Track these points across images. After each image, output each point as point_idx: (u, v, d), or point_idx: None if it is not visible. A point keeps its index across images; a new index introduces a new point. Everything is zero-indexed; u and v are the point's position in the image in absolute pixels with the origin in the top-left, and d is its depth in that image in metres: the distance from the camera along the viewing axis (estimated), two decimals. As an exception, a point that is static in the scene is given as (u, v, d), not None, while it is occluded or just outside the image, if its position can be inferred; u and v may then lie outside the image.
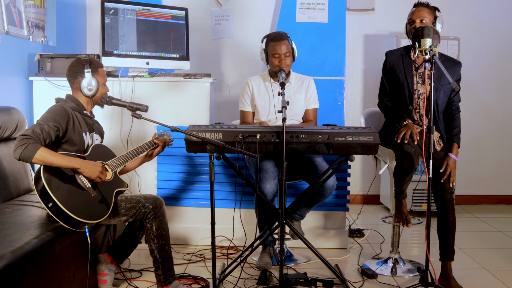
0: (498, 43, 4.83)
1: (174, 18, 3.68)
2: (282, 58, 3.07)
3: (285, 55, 3.08)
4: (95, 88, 2.61)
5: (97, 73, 2.63)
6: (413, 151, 2.77)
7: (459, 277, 2.85)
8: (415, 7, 2.96)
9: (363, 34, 4.81)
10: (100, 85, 2.64)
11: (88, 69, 2.58)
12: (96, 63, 2.64)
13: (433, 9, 2.94)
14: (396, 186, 2.94)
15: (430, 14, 2.91)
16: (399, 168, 2.85)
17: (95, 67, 2.62)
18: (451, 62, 2.96)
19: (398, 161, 2.85)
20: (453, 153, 2.87)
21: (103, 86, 2.67)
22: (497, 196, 4.97)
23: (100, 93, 2.65)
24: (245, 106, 3.29)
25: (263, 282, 2.83)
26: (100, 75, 2.65)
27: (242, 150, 2.54)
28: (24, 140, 2.23)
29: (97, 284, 2.69)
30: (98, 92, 2.63)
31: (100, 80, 2.64)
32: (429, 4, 2.96)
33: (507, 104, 4.90)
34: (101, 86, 2.65)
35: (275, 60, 3.09)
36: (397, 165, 2.86)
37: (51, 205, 2.27)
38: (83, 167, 2.37)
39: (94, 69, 2.62)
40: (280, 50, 3.07)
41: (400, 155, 2.81)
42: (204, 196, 3.51)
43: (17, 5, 3.51)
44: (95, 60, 2.65)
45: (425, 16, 2.88)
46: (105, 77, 2.70)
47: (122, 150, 3.43)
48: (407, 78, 2.93)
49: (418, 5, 2.97)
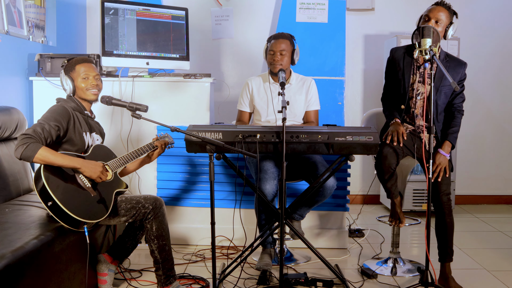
0: (498, 43, 4.83)
1: (174, 18, 3.68)
2: (276, 55, 3.07)
3: (280, 53, 3.08)
4: (69, 87, 2.61)
5: (73, 70, 2.62)
6: (390, 152, 2.76)
7: (459, 277, 2.85)
8: (436, 5, 2.82)
9: (363, 34, 4.81)
10: (79, 80, 2.61)
11: (62, 71, 2.62)
12: (73, 62, 2.64)
13: (453, 13, 2.82)
14: (382, 185, 2.94)
15: (447, 18, 2.80)
16: (377, 168, 2.86)
17: (71, 66, 2.62)
18: (455, 62, 2.90)
19: (376, 160, 2.85)
20: (443, 150, 2.81)
21: (84, 80, 2.61)
22: (497, 196, 4.97)
23: (80, 89, 2.62)
24: (243, 106, 3.29)
25: (263, 282, 2.83)
26: (77, 71, 2.61)
27: (242, 150, 2.54)
28: (25, 140, 2.24)
29: (97, 284, 2.69)
30: (76, 88, 2.62)
31: (77, 76, 2.61)
32: (450, 7, 2.83)
33: (507, 104, 4.90)
34: (79, 82, 2.61)
35: (270, 56, 3.11)
36: (376, 165, 2.87)
37: (50, 204, 2.27)
38: (84, 167, 2.38)
39: (69, 68, 2.62)
40: (276, 47, 3.08)
41: (380, 152, 2.80)
42: (204, 196, 3.51)
43: (17, 5, 3.50)
44: (72, 60, 2.65)
45: (442, 19, 2.78)
46: (86, 71, 2.62)
47: (122, 150, 3.43)
48: (404, 77, 2.92)
49: (440, 4, 2.83)
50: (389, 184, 2.88)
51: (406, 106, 2.92)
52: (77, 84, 2.62)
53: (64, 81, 2.62)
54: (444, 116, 2.94)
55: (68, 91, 2.62)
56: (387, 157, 2.77)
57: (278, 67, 3.07)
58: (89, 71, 2.64)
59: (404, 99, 2.92)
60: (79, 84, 2.62)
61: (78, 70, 2.62)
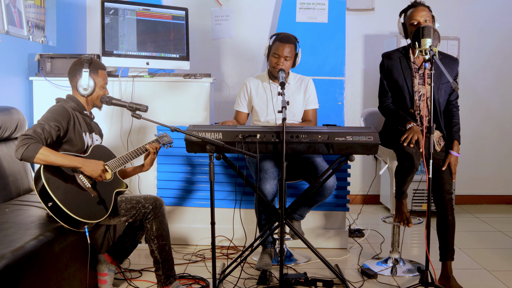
0: (498, 43, 4.83)
1: (174, 18, 3.68)
2: (281, 59, 3.06)
3: (285, 58, 3.07)
4: (90, 89, 2.60)
5: (96, 74, 2.62)
6: (414, 151, 2.77)
7: (459, 277, 2.85)
8: (415, 7, 2.89)
9: (363, 34, 4.81)
10: (98, 86, 2.63)
11: (86, 68, 2.58)
12: (97, 64, 2.64)
13: (429, 8, 2.91)
14: (397, 187, 2.94)
15: (429, 13, 2.88)
16: (401, 168, 2.85)
17: (95, 67, 2.62)
18: (449, 59, 2.94)
19: (399, 161, 2.85)
20: (454, 150, 2.87)
21: (102, 88, 2.66)
22: (497, 196, 4.97)
23: (97, 95, 2.64)
24: (240, 107, 3.29)
25: (263, 282, 2.83)
26: (100, 77, 2.64)
27: (242, 150, 2.54)
28: (25, 140, 2.24)
29: (97, 284, 2.69)
30: (94, 93, 2.63)
31: (99, 82, 2.63)
32: (424, 3, 2.93)
33: (507, 104, 4.90)
34: (98, 88, 2.64)
35: (274, 59, 3.09)
36: (399, 165, 2.86)
37: (51, 204, 2.27)
38: (85, 166, 2.38)
39: (94, 69, 2.61)
40: (282, 52, 3.06)
41: (402, 156, 2.81)
42: (204, 196, 3.51)
43: (17, 5, 3.50)
44: (96, 61, 2.65)
45: (428, 16, 2.85)
46: (105, 79, 2.68)
47: (122, 150, 3.43)
48: (406, 81, 2.92)
49: (417, 4, 2.91)
50: (407, 185, 2.91)
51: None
52: (97, 89, 2.63)
53: (88, 81, 2.59)
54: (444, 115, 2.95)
55: (88, 92, 2.61)
56: (413, 157, 2.76)
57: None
58: (107, 80, 2.70)
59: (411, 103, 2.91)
60: (98, 90, 2.64)
61: (100, 76, 2.64)
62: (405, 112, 2.94)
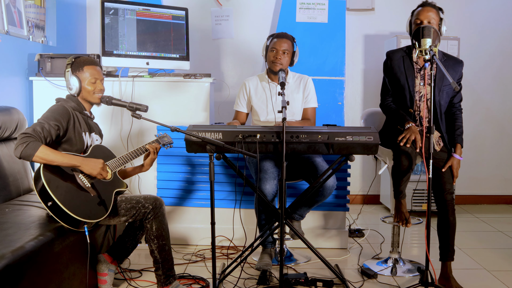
0: (498, 43, 4.83)
1: (174, 18, 3.68)
2: (279, 53, 3.07)
3: (283, 51, 3.08)
4: (75, 87, 2.58)
5: (81, 70, 2.59)
6: (411, 150, 2.77)
7: (459, 277, 2.85)
8: (422, 7, 2.86)
9: (363, 34, 4.81)
10: (86, 82, 2.59)
11: (68, 68, 2.58)
12: (81, 61, 2.61)
13: (439, 10, 2.87)
14: (395, 186, 2.94)
15: (437, 16, 2.83)
16: (397, 168, 2.85)
17: (78, 65, 2.59)
18: (453, 61, 2.93)
19: (395, 160, 2.85)
20: (456, 153, 2.87)
21: (91, 84, 2.60)
22: (497, 196, 4.97)
23: (86, 91, 2.61)
24: (239, 106, 3.30)
25: (263, 282, 2.83)
26: (86, 72, 2.59)
27: (242, 150, 2.54)
28: (25, 139, 2.24)
29: (97, 284, 2.69)
30: (83, 90, 2.60)
31: (85, 78, 2.59)
32: (435, 5, 2.88)
33: (507, 104, 4.90)
34: (86, 84, 2.59)
35: (272, 54, 3.10)
36: (395, 165, 2.86)
37: (50, 204, 2.27)
38: (84, 165, 2.37)
39: (77, 67, 2.59)
40: (279, 45, 3.08)
41: (398, 154, 2.81)
42: (204, 196, 3.51)
43: (17, 5, 3.50)
44: (81, 59, 2.62)
45: (433, 18, 2.80)
46: (95, 74, 2.61)
47: (122, 150, 3.43)
48: (408, 81, 2.92)
49: (425, 5, 2.87)
50: (404, 185, 2.90)
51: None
52: (84, 86, 2.60)
53: (71, 80, 2.58)
54: (446, 117, 2.95)
55: (74, 91, 2.60)
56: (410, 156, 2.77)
57: (278, 66, 3.07)
58: (98, 75, 2.63)
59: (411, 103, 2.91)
60: (86, 87, 2.60)
61: (86, 72, 2.60)
62: (405, 111, 2.94)
